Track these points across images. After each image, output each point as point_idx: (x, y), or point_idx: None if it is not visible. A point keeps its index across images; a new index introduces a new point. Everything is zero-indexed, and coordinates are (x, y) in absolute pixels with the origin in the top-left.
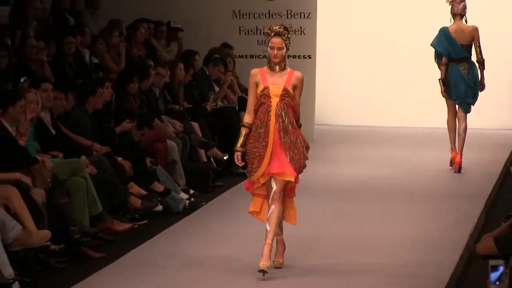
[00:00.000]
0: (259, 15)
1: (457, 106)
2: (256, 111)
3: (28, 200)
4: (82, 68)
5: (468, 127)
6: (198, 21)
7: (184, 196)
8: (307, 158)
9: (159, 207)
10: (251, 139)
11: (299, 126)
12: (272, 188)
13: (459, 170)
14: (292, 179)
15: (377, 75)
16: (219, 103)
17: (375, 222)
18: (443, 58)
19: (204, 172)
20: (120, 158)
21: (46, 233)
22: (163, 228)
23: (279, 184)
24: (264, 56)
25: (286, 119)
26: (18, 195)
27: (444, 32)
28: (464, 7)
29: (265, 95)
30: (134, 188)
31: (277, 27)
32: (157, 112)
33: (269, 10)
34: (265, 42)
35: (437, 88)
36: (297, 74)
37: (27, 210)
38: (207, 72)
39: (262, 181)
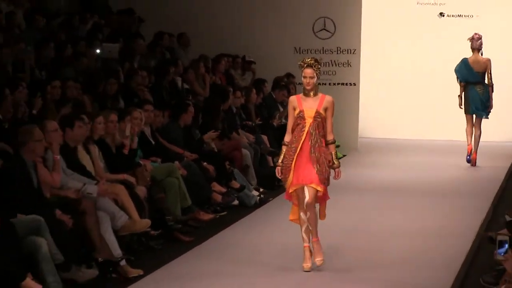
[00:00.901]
0: (315, 51)
1: (473, 117)
2: (293, 131)
3: (133, 195)
4: (175, 92)
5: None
6: (267, 55)
7: (255, 193)
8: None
9: (236, 202)
10: (286, 154)
11: (331, 141)
12: (305, 197)
13: (475, 164)
14: (320, 188)
15: (409, 97)
16: (283, 120)
17: (403, 214)
18: (461, 83)
19: (271, 175)
20: (205, 163)
21: (147, 222)
22: (239, 218)
23: (311, 192)
24: (319, 83)
25: (316, 137)
26: (125, 192)
27: (464, 62)
28: (481, 44)
29: (300, 117)
30: (216, 186)
31: (309, 60)
32: (234, 127)
33: (323, 47)
34: (321, 72)
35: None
36: (328, 98)
37: (132, 203)
38: (274, 96)
39: (291, 189)
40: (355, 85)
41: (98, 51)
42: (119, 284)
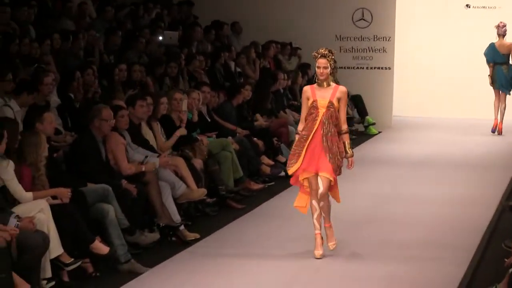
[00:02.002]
0: (353, 38)
1: (500, 93)
2: (305, 119)
3: (191, 167)
4: (229, 75)
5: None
6: (311, 42)
7: None
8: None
9: (282, 173)
10: (298, 142)
11: (345, 131)
12: (317, 186)
13: (501, 132)
14: (332, 178)
15: (438, 79)
16: None
17: (433, 184)
18: (490, 63)
19: None
20: (255, 138)
21: (203, 190)
22: (286, 188)
23: (325, 182)
24: (357, 67)
25: (328, 127)
26: (184, 163)
27: (491, 46)
28: (505, 30)
29: (314, 106)
30: (265, 159)
31: (322, 50)
32: (282, 106)
33: (361, 35)
34: (358, 57)
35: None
36: (341, 88)
37: (190, 174)
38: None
39: (303, 176)
40: (389, 69)
41: (160, 38)
42: (178, 247)
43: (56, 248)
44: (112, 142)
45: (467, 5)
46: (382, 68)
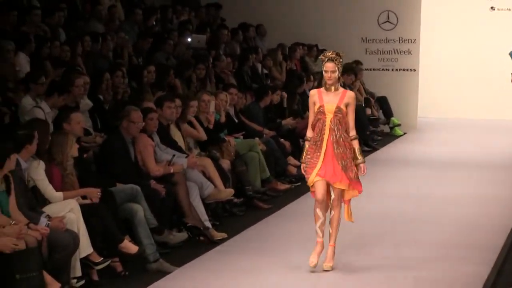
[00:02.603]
0: (379, 40)
1: None
2: (314, 126)
3: (218, 167)
4: (256, 76)
5: None
6: (338, 44)
7: None
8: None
9: None
10: (309, 150)
11: (354, 137)
12: (324, 195)
13: None
14: (345, 187)
15: (463, 80)
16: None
17: (458, 184)
18: None
19: None
20: (282, 139)
21: (230, 191)
22: None
23: (336, 192)
24: (383, 69)
25: (338, 133)
26: (211, 164)
27: None
28: None
29: (321, 112)
30: (291, 160)
31: (330, 53)
32: (308, 108)
33: (386, 37)
34: (384, 59)
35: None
36: (349, 93)
37: (217, 174)
38: (343, 80)
39: (312, 181)
40: (415, 71)
41: (189, 39)
42: (206, 246)
43: (85, 248)
44: (140, 144)
45: (491, 8)
46: (407, 70)
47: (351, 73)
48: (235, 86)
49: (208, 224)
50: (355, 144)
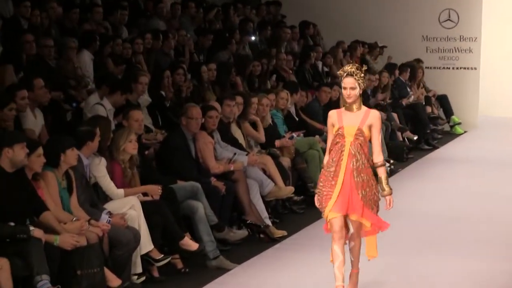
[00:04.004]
0: (440, 38)
1: None
2: (330, 151)
3: (278, 165)
4: (317, 74)
5: None
6: (398, 43)
7: (386, 164)
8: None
9: None
10: (322, 178)
11: (380, 164)
12: (340, 227)
13: None
14: (363, 221)
15: None
16: (410, 99)
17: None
18: None
19: (401, 148)
20: None
21: (290, 188)
22: None
23: (355, 225)
24: (444, 68)
25: (359, 159)
26: (272, 162)
27: None
28: None
29: (339, 134)
30: None
31: (349, 67)
32: (367, 106)
33: (447, 35)
34: (445, 58)
35: None
36: (374, 113)
37: (278, 172)
38: (402, 78)
39: (330, 217)
40: (475, 69)
41: (253, 38)
42: (266, 244)
43: (146, 244)
44: (200, 141)
45: None
46: (468, 68)
47: (406, 69)
48: (297, 86)
49: (268, 221)
50: (382, 172)
